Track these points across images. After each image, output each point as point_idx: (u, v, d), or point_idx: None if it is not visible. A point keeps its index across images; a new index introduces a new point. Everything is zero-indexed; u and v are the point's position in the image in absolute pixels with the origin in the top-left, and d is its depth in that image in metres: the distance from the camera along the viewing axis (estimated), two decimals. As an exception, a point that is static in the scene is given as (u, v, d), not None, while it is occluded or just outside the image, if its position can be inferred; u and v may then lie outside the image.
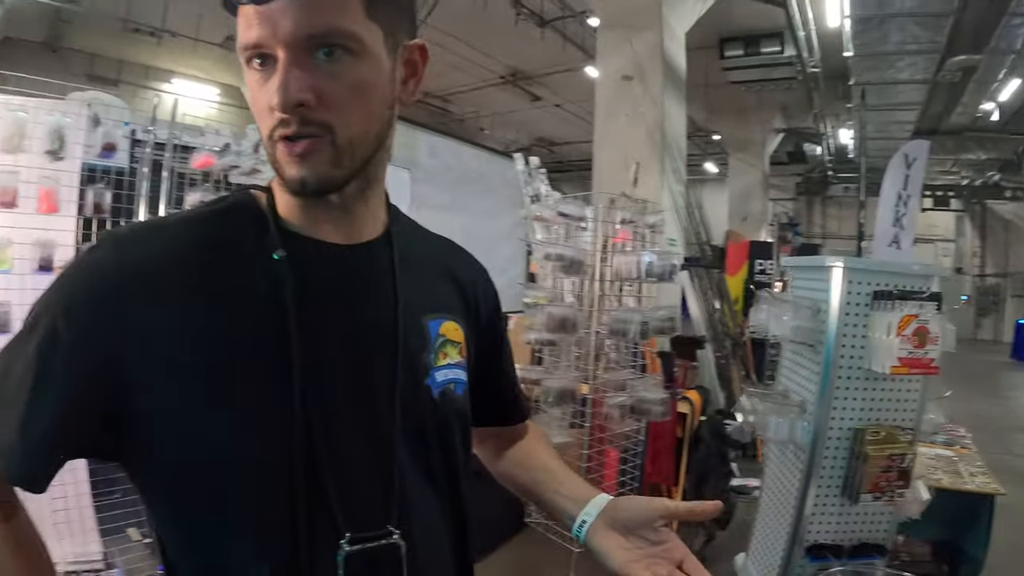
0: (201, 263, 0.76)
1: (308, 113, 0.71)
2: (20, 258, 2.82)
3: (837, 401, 2.13)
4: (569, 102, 12.19)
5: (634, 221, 3.31)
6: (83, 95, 3.26)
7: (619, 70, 6.51)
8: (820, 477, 2.16)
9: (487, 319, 1.03)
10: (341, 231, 0.83)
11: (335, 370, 0.79)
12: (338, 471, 0.76)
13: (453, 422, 0.88)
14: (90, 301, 0.72)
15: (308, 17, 0.69)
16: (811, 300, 2.21)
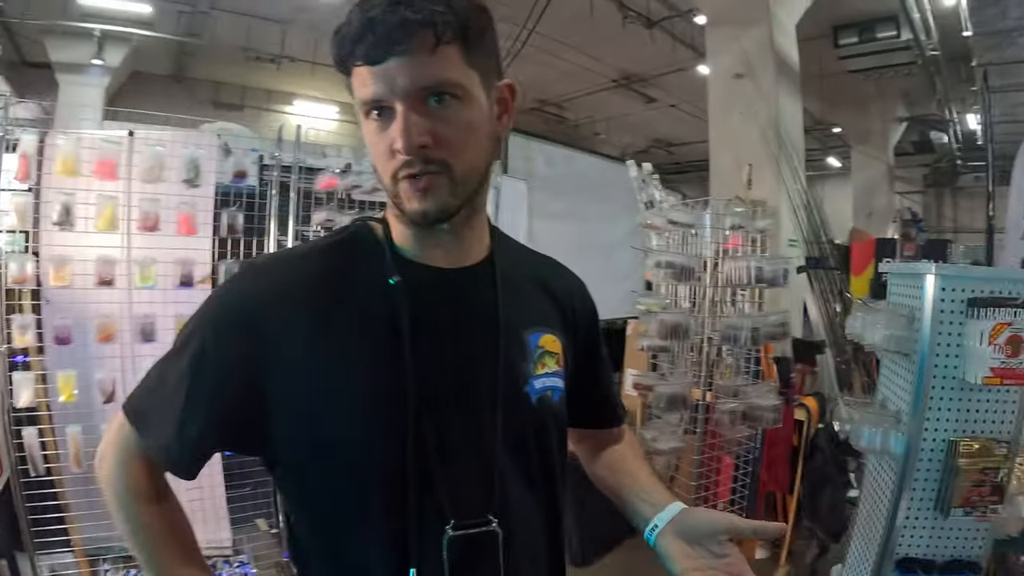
0: (326, 288, 0.90)
1: (428, 153, 0.83)
2: (163, 275, 3.16)
3: (931, 412, 2.05)
4: (684, 102, 11.88)
5: (743, 227, 3.24)
6: (212, 126, 3.56)
7: (730, 68, 6.36)
8: (912, 489, 2.09)
9: (584, 330, 1.11)
10: (450, 256, 0.95)
11: (444, 380, 0.90)
12: (445, 468, 0.88)
13: (550, 425, 0.99)
14: (232, 323, 0.88)
15: (419, 72, 0.81)
16: (907, 308, 2.13)
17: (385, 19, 0.80)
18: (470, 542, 0.88)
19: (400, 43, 0.80)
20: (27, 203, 2.96)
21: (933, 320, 2.02)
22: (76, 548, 3.19)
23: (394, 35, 0.80)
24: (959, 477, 2.00)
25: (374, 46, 0.81)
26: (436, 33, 0.81)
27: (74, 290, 3.05)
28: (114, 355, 3.14)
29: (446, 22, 0.81)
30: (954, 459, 2.01)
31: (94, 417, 3.11)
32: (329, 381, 0.87)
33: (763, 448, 3.79)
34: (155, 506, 0.95)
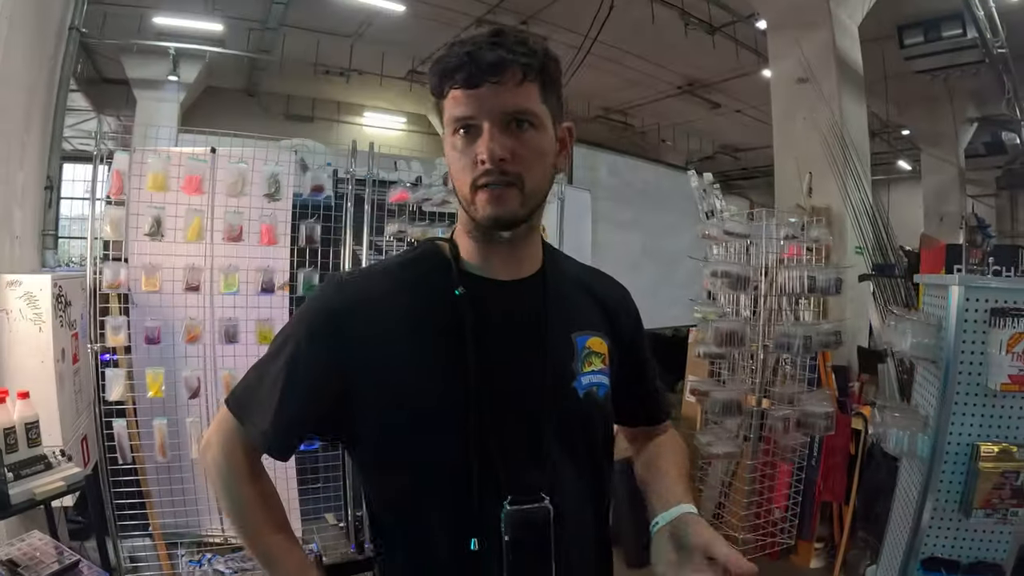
0: (401, 298, 1.07)
1: (506, 166, 0.98)
2: (245, 282, 3.38)
3: (956, 416, 2.12)
4: (750, 107, 11.72)
5: (797, 237, 3.28)
6: (289, 142, 3.76)
7: (792, 73, 6.28)
8: (938, 491, 2.16)
9: (629, 334, 1.25)
10: (508, 269, 1.10)
11: (502, 377, 1.05)
12: (503, 452, 1.03)
13: (595, 417, 1.13)
14: (321, 328, 1.06)
15: (506, 99, 0.98)
16: (936, 317, 2.20)
17: (483, 53, 0.96)
18: (525, 516, 1.02)
19: (494, 74, 0.96)
20: (121, 216, 3.21)
21: (957, 329, 2.11)
22: (155, 533, 3.45)
23: (490, 67, 0.96)
24: (980, 479, 2.07)
25: (472, 74, 0.96)
26: (523, 71, 0.98)
27: (163, 295, 3.30)
28: (199, 355, 3.39)
29: (531, 64, 0.98)
30: (975, 462, 2.08)
31: (179, 411, 3.37)
32: (403, 377, 1.03)
33: (820, 457, 3.81)
34: (253, 485, 1.11)
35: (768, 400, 3.37)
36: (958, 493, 2.17)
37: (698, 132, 14.38)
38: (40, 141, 3.44)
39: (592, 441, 1.13)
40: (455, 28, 8.84)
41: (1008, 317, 2.03)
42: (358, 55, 9.93)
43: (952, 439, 2.14)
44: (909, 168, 15.66)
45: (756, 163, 15.42)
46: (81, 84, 8.54)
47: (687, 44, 8.92)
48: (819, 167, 5.73)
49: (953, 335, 2.10)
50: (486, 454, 1.02)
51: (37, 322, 2.81)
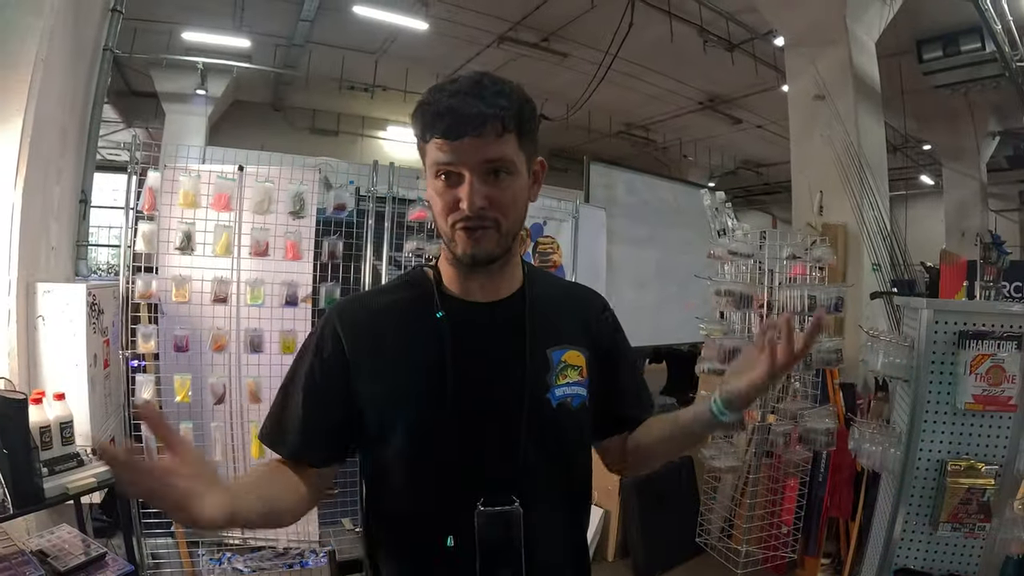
0: (390, 319, 1.21)
1: (484, 212, 1.08)
2: (270, 295, 3.52)
3: (926, 433, 2.22)
4: (771, 122, 11.75)
5: (800, 257, 3.35)
6: (315, 160, 3.90)
7: (809, 90, 6.28)
8: (909, 505, 2.25)
9: (607, 342, 1.33)
10: (487, 292, 1.22)
11: (479, 389, 1.16)
12: (478, 458, 1.15)
13: (567, 425, 1.22)
14: (327, 346, 1.19)
15: (486, 150, 1.07)
16: (910, 337, 2.30)
17: (465, 107, 1.03)
18: (496, 517, 1.12)
19: (474, 128, 1.03)
20: (152, 230, 3.38)
21: (927, 349, 2.20)
22: (177, 532, 3.57)
23: (470, 121, 1.03)
24: (947, 494, 2.16)
25: (452, 127, 1.04)
26: (503, 124, 1.05)
27: (191, 305, 3.45)
28: (225, 363, 3.54)
29: (510, 116, 1.06)
30: (944, 478, 2.18)
31: (204, 416, 3.53)
32: (390, 388, 1.15)
33: (827, 473, 3.86)
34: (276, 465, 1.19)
35: (774, 416, 3.43)
36: (928, 507, 2.26)
37: (720, 147, 14.44)
38: (75, 156, 3.60)
39: (565, 448, 1.23)
40: (477, 45, 9.00)
41: (973, 339, 2.11)
42: (382, 71, 10.12)
43: (922, 455, 2.24)
44: (931, 183, 15.50)
45: (778, 178, 15.35)
46: (111, 96, 8.73)
47: (707, 60, 9.00)
48: (834, 184, 5.75)
49: (922, 355, 2.20)
50: (463, 459, 1.14)
51: (71, 329, 2.95)
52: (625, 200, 6.86)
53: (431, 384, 1.14)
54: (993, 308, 2.27)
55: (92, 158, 3.80)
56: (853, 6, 6.21)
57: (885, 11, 6.69)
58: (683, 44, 8.40)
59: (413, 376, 1.15)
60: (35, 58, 2.83)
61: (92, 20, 3.70)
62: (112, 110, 9.69)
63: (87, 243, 3.71)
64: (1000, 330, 2.14)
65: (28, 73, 2.81)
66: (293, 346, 3.51)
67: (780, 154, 13.27)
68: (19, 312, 2.82)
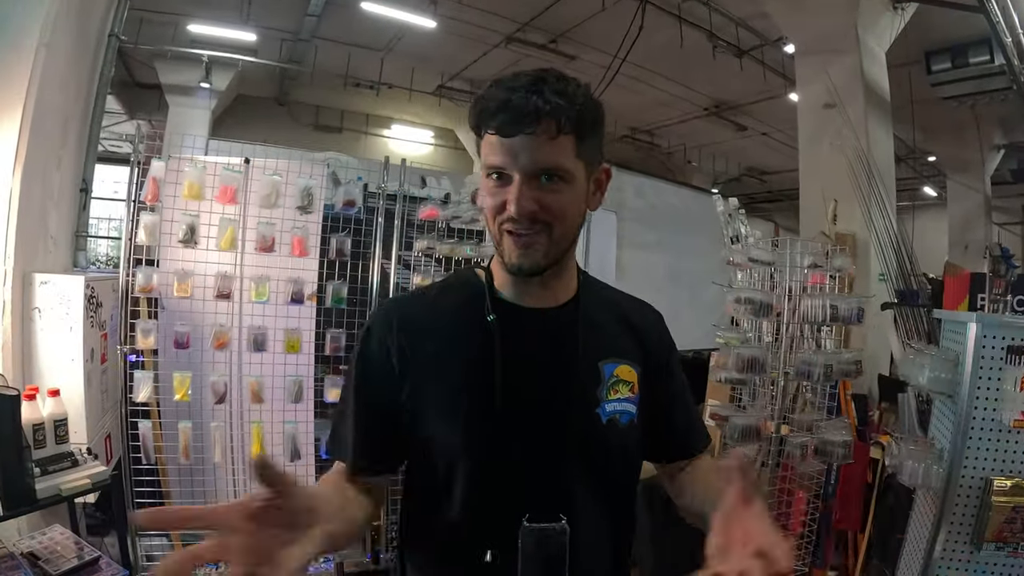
0: (441, 322, 1.14)
1: (535, 215, 1.02)
2: (275, 292, 3.43)
3: (970, 451, 2.15)
4: (776, 130, 11.71)
5: (821, 266, 3.28)
6: (323, 155, 3.82)
7: (819, 98, 6.26)
8: (951, 523, 2.18)
9: (661, 361, 1.26)
10: (541, 298, 1.15)
11: (527, 399, 1.09)
12: (524, 471, 1.08)
13: (616, 442, 1.15)
14: (373, 353, 1.12)
15: (539, 153, 1.00)
16: (953, 352, 2.23)
17: (520, 103, 0.98)
18: (541, 534, 1.06)
19: (529, 126, 0.98)
20: (155, 222, 3.28)
21: (974, 365, 2.13)
22: (172, 533, 3.45)
23: (525, 118, 0.97)
24: (992, 513, 2.09)
25: (507, 123, 0.99)
26: (559, 124, 0.99)
27: (193, 300, 3.36)
28: (226, 361, 3.45)
29: (568, 116, 0.99)
30: (988, 496, 2.11)
31: (204, 415, 3.43)
32: (438, 395, 1.09)
33: (837, 485, 3.78)
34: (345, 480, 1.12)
35: (787, 427, 3.36)
36: (970, 526, 2.19)
37: (724, 154, 14.38)
38: (77, 144, 3.52)
39: (612, 465, 1.16)
40: (485, 45, 8.95)
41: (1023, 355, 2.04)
42: (388, 68, 10.06)
43: (966, 472, 2.17)
44: (935, 195, 15.49)
45: (782, 186, 15.36)
46: (114, 87, 8.68)
47: (715, 66, 8.94)
48: (844, 193, 5.71)
49: (969, 371, 2.13)
50: (509, 472, 1.07)
51: (68, 322, 2.86)
52: (634, 204, 6.81)
53: (478, 393, 1.08)
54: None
55: (94, 146, 3.72)
56: (865, 15, 6.20)
57: (896, 21, 6.69)
58: (692, 49, 8.35)
59: (460, 383, 1.10)
60: (38, 42, 2.76)
61: (98, 6, 3.62)
62: (115, 101, 9.61)
63: (87, 234, 3.62)
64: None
65: (30, 58, 2.74)
66: (297, 345, 3.43)
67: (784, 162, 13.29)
68: (14, 303, 2.73)
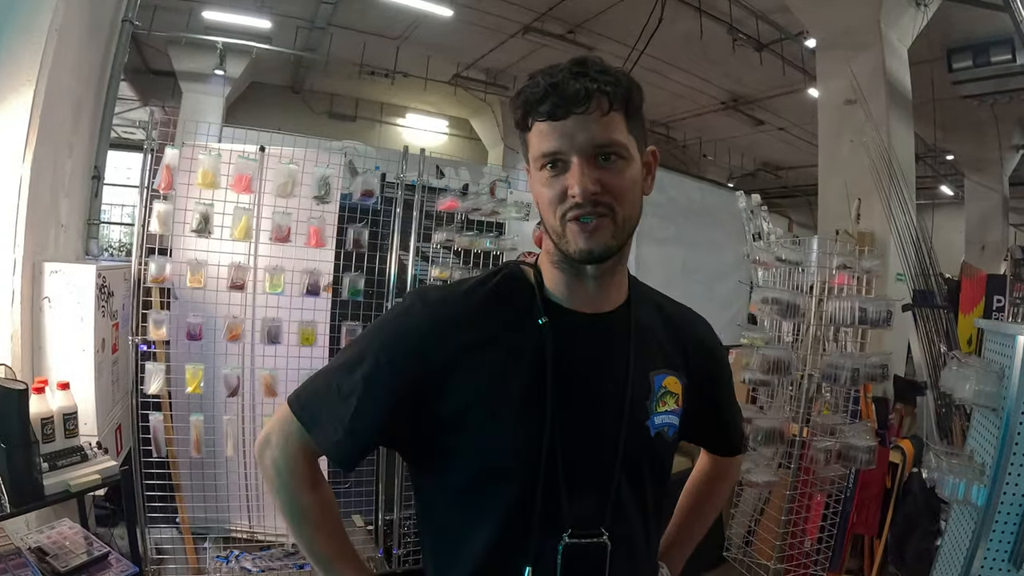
0: (486, 324, 1.04)
1: (598, 198, 0.96)
2: (290, 283, 3.35)
3: (1013, 467, 2.07)
4: (793, 125, 11.66)
5: (851, 267, 3.21)
6: (340, 144, 3.74)
7: (840, 93, 6.16)
8: (990, 541, 2.11)
9: (707, 373, 1.22)
10: (592, 302, 1.08)
11: (578, 411, 1.03)
12: (570, 485, 1.01)
13: (660, 456, 1.11)
14: (406, 350, 1.03)
15: (594, 130, 0.96)
16: (998, 364, 2.14)
17: (568, 84, 0.94)
18: (582, 550, 1.01)
19: (580, 104, 0.94)
20: (168, 210, 3.21)
21: (1021, 379, 2.04)
22: (183, 526, 3.45)
23: (576, 97, 0.94)
24: None
25: (557, 105, 0.95)
26: (609, 100, 0.96)
27: (206, 291, 3.29)
28: (239, 353, 3.39)
29: (616, 93, 0.97)
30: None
31: (216, 408, 3.37)
32: (483, 403, 1.01)
33: (855, 489, 3.73)
34: (313, 493, 1.11)
35: (808, 430, 3.30)
36: (1010, 544, 2.12)
37: (740, 148, 14.33)
38: (89, 130, 3.47)
39: (657, 481, 1.12)
40: (502, 35, 8.89)
41: None
42: (404, 57, 10.00)
43: (1008, 490, 2.09)
44: (951, 194, 15.37)
45: (797, 182, 15.31)
46: (128, 74, 8.68)
47: (734, 60, 8.88)
48: (864, 190, 5.63)
49: (1017, 385, 2.04)
50: (554, 485, 1.01)
51: (79, 312, 2.81)
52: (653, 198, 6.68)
53: (528, 400, 1.01)
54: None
55: (107, 133, 3.66)
56: (888, 10, 6.08)
57: (919, 17, 6.59)
58: (712, 42, 8.26)
59: (508, 391, 1.02)
60: (49, 27, 2.70)
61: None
62: (129, 88, 9.60)
63: (99, 221, 3.57)
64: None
65: (41, 42, 2.68)
66: (313, 338, 3.36)
67: (801, 158, 13.25)
68: (23, 293, 2.67)
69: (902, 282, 5.47)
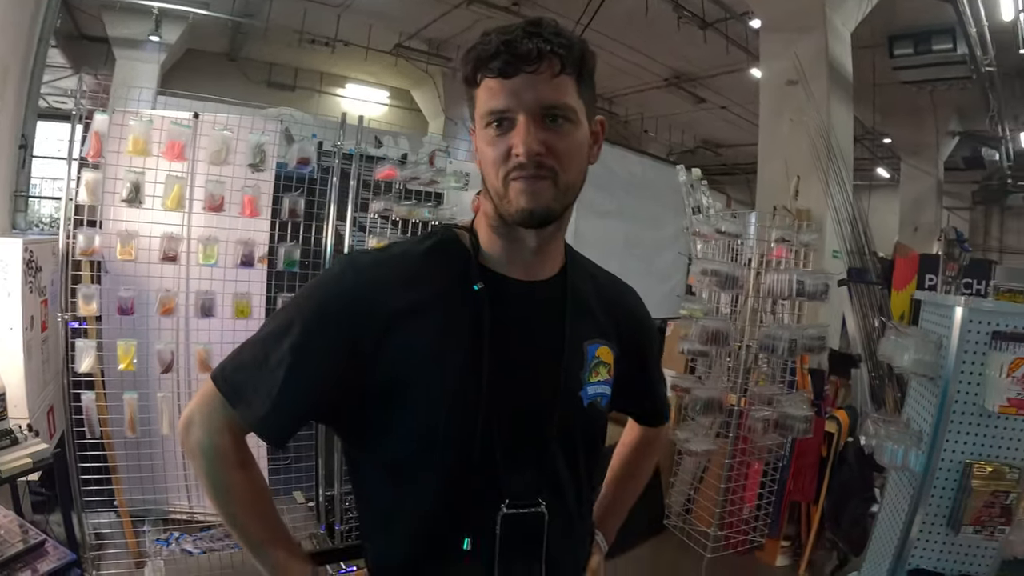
0: (419, 289, 1.02)
1: (541, 159, 0.94)
2: (224, 254, 3.26)
3: (951, 434, 2.16)
4: (734, 104, 11.80)
5: (789, 240, 3.28)
6: (277, 111, 3.65)
7: (783, 74, 6.26)
8: (928, 505, 2.21)
9: (638, 344, 1.23)
10: (529, 269, 1.07)
11: (514, 380, 1.02)
12: (506, 455, 1.01)
13: (593, 425, 1.13)
14: (336, 316, 1.00)
15: (543, 91, 0.95)
16: (936, 335, 2.22)
17: (521, 42, 0.93)
18: (520, 520, 1.02)
19: (531, 63, 0.93)
20: (97, 179, 3.07)
21: (959, 349, 2.12)
22: (120, 509, 3.35)
23: (527, 56, 0.93)
24: (971, 497, 2.11)
25: (508, 62, 0.94)
26: (561, 62, 0.95)
27: (138, 264, 3.18)
28: (173, 328, 3.29)
29: (569, 56, 0.96)
30: (968, 480, 2.12)
31: (150, 385, 3.27)
32: (417, 371, 0.99)
33: (792, 457, 3.84)
34: (241, 472, 1.07)
35: (746, 400, 3.38)
36: (947, 509, 2.20)
37: (681, 125, 14.44)
38: (16, 97, 3.32)
39: (589, 450, 1.13)
40: (445, 4, 8.76)
41: (1010, 341, 2.05)
42: (344, 26, 9.72)
43: (945, 456, 2.17)
44: (887, 176, 15.82)
45: (736, 160, 15.57)
46: (59, 40, 8.31)
47: (678, 37, 8.88)
48: (803, 169, 5.75)
49: (954, 355, 2.12)
50: (490, 456, 1.00)
51: (6, 288, 2.70)
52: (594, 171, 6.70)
53: (464, 370, 1.00)
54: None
55: (34, 100, 3.52)
56: (833, -6, 6.16)
57: (863, 3, 6.73)
58: (657, 18, 8.26)
59: (444, 358, 1.00)
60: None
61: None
62: (60, 55, 9.17)
63: (26, 194, 3.42)
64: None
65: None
66: (248, 311, 3.27)
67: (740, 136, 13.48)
68: (-55, 267, 2.56)
69: (838, 259, 5.63)
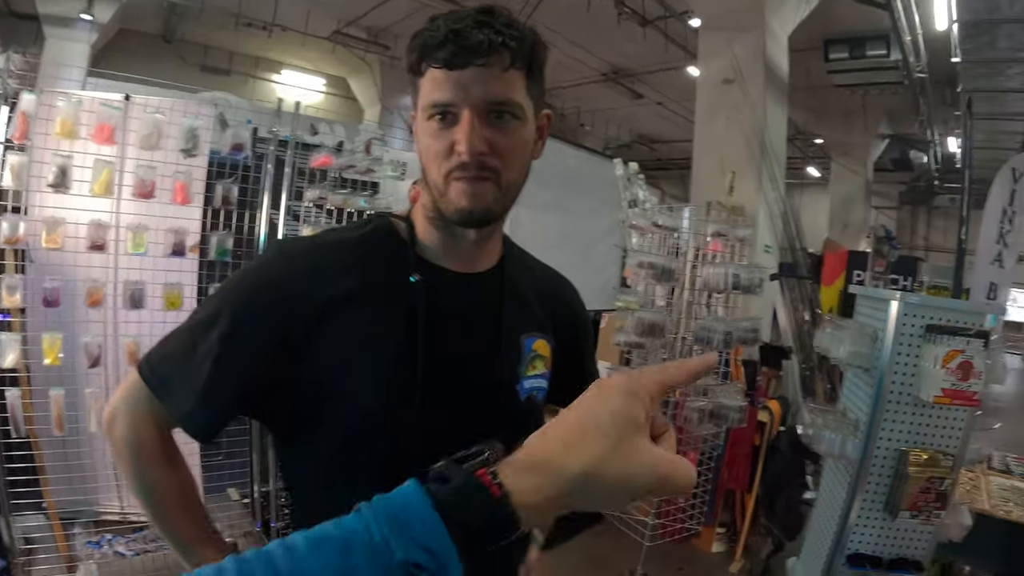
0: (354, 279, 0.98)
1: (485, 160, 0.92)
2: (154, 243, 3.15)
3: (886, 423, 2.24)
4: (671, 100, 12.04)
5: (725, 234, 3.35)
6: (211, 95, 3.55)
7: (720, 72, 6.41)
8: (865, 492, 2.29)
9: (573, 337, 1.23)
10: (466, 262, 1.05)
11: (449, 373, 1.00)
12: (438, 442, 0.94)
13: (529, 420, 1.09)
14: (267, 305, 0.96)
15: (490, 87, 0.91)
16: (871, 328, 2.31)
17: (471, 32, 0.89)
18: None
19: (480, 56, 0.89)
20: (23, 163, 2.93)
21: (894, 341, 2.21)
22: (50, 511, 3.19)
23: (477, 48, 0.88)
24: (908, 483, 2.18)
25: (455, 54, 0.89)
26: (512, 55, 0.91)
27: (64, 252, 3.04)
28: (101, 320, 3.15)
29: (520, 50, 0.92)
30: (904, 467, 2.20)
31: (77, 381, 3.12)
32: (351, 365, 0.95)
33: (726, 447, 3.95)
34: (166, 469, 1.03)
35: (681, 390, 3.45)
36: (884, 495, 2.29)
37: (617, 120, 14.68)
38: (-68, 76, 3.14)
39: None
40: (387, -9, 8.66)
41: (944, 334, 2.14)
42: (282, 10, 9.58)
43: (881, 444, 2.26)
44: (818, 175, 16.35)
45: (671, 155, 15.94)
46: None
47: (618, 33, 9.02)
48: (737, 166, 5.90)
49: (890, 347, 2.21)
50: (420, 443, 0.95)
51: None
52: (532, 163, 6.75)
53: (398, 363, 0.97)
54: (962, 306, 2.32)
55: (-45, 80, 3.32)
56: (772, -3, 6.32)
57: (801, 8, 6.95)
58: (598, 14, 8.40)
59: (378, 349, 0.97)
60: None
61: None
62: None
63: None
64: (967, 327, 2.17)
65: None
66: (179, 302, 3.16)
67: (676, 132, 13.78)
68: None
69: (769, 253, 5.79)
